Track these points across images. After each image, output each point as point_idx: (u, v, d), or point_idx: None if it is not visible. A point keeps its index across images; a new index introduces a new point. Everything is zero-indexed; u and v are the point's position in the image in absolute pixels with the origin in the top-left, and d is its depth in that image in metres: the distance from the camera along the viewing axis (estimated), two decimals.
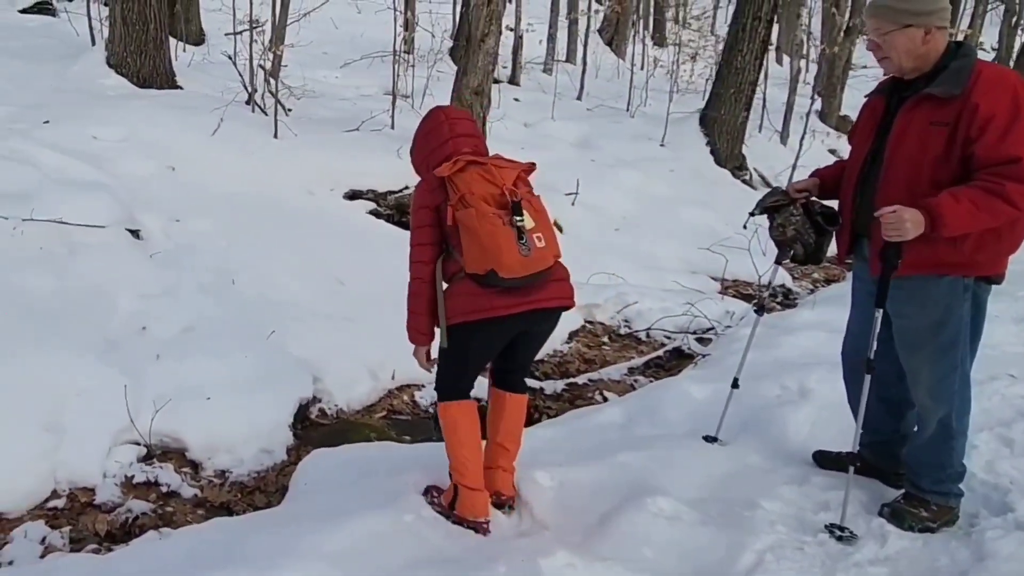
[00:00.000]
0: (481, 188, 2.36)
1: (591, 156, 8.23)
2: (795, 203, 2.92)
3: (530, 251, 2.34)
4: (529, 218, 2.36)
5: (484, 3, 6.18)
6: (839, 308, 4.93)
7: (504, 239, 2.31)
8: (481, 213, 2.32)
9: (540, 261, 2.39)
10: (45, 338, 3.60)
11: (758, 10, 8.82)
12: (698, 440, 3.35)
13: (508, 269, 2.33)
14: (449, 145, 2.52)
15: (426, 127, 2.64)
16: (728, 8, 21.09)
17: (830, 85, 12.40)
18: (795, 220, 2.91)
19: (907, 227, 2.42)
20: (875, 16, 2.57)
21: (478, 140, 2.60)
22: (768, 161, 9.46)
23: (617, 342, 5.04)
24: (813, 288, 6.58)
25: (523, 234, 2.34)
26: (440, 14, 12.30)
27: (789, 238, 2.94)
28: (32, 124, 5.71)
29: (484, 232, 2.31)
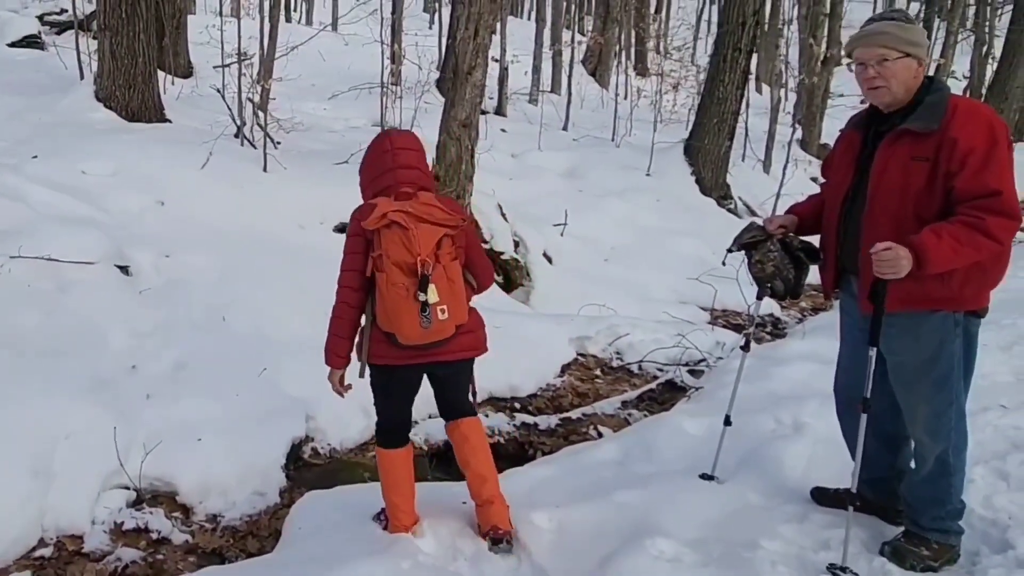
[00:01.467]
0: (397, 253, 2.44)
1: (579, 186, 8.27)
2: (772, 238, 2.91)
3: (430, 324, 2.46)
4: (435, 292, 2.45)
5: (471, 36, 6.21)
6: (829, 338, 4.94)
7: (406, 312, 2.44)
8: (391, 281, 2.43)
9: (439, 332, 2.50)
10: (33, 377, 3.52)
11: (738, 41, 8.97)
12: (695, 478, 3.32)
13: (406, 338, 2.49)
14: (389, 176, 2.57)
15: (372, 152, 2.68)
16: (707, 39, 21.48)
17: (810, 114, 12.60)
18: (773, 256, 2.90)
19: (902, 264, 2.41)
20: (878, 44, 2.52)
21: (419, 172, 2.62)
22: (752, 190, 9.56)
23: (610, 375, 5.01)
24: (801, 317, 6.60)
25: (427, 307, 2.44)
26: (426, 46, 12.40)
27: (768, 274, 2.92)
28: (21, 159, 5.66)
29: (390, 300, 2.44)
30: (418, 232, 2.45)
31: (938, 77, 2.68)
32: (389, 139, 2.66)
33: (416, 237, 2.45)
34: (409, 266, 2.44)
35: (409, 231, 2.44)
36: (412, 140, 2.70)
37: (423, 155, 2.71)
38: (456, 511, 3.10)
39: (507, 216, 6.68)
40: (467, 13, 6.13)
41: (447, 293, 2.48)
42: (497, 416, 4.35)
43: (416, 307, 2.43)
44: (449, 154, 6.23)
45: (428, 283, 2.43)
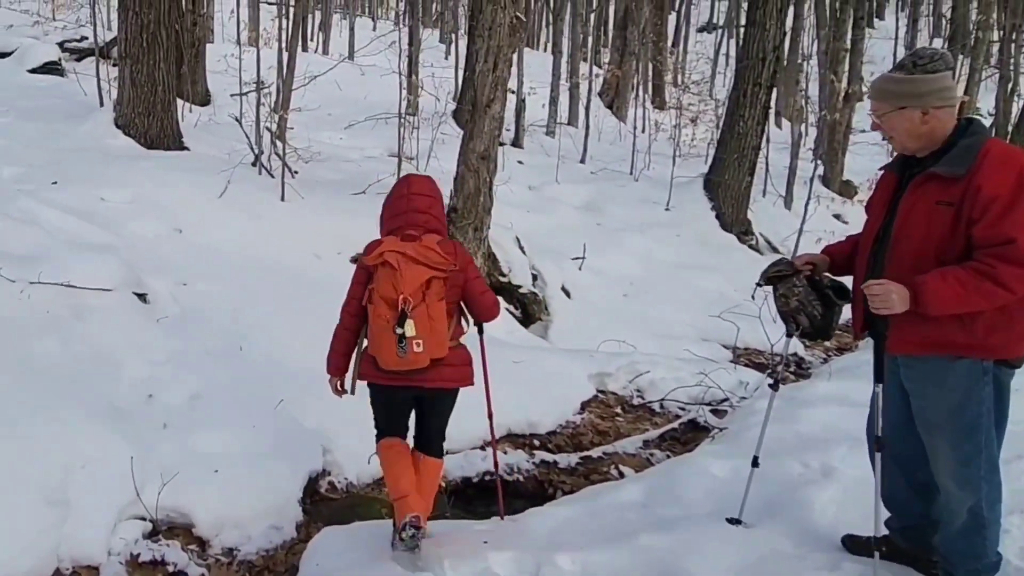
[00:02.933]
0: (384, 290, 2.82)
1: (597, 220, 8.36)
2: (798, 274, 2.95)
3: (406, 354, 2.82)
4: (412, 327, 2.79)
5: (490, 69, 6.35)
6: (856, 380, 4.98)
7: (386, 342, 2.82)
8: (376, 313, 2.84)
9: (414, 362, 2.85)
10: (51, 406, 3.58)
11: (758, 76, 9.10)
12: (721, 522, 3.31)
13: (385, 363, 2.88)
14: (401, 218, 2.96)
15: (393, 194, 3.09)
16: (726, 73, 21.74)
17: (831, 150, 12.69)
18: (798, 291, 2.93)
19: (893, 300, 2.45)
20: (872, 98, 2.66)
21: (429, 216, 2.98)
22: (773, 226, 9.62)
23: (631, 413, 5.03)
24: (826, 357, 6.60)
25: (404, 339, 2.79)
26: (443, 77, 12.63)
27: (792, 309, 2.95)
28: (40, 185, 5.80)
29: (374, 330, 2.85)
30: (406, 272, 2.81)
31: (978, 120, 2.71)
32: (408, 183, 3.06)
33: (402, 277, 2.80)
34: (393, 302, 2.80)
35: (397, 271, 2.81)
36: (428, 186, 3.08)
37: (436, 200, 3.05)
38: (477, 551, 3.11)
39: (525, 249, 6.75)
40: (486, 46, 6.29)
41: (425, 329, 2.82)
42: (516, 453, 4.37)
43: (394, 338, 2.79)
44: (467, 186, 6.34)
45: (406, 319, 2.79)
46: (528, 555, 3.11)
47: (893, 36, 21.63)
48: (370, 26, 21.65)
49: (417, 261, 2.82)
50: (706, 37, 28.50)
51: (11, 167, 6.18)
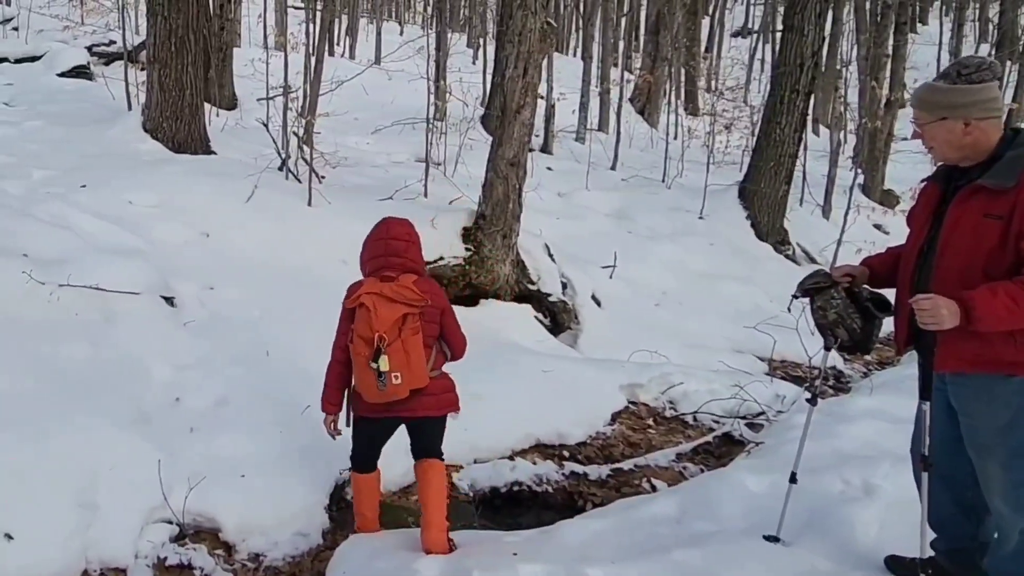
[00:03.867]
0: (362, 329, 3.09)
1: (627, 228, 8.36)
2: (836, 286, 2.93)
3: (385, 387, 3.08)
4: (386, 361, 3.04)
5: (520, 75, 6.40)
6: (898, 395, 4.92)
7: (366, 377, 3.09)
8: (356, 352, 3.10)
9: (394, 394, 3.10)
10: (79, 408, 3.66)
11: (795, 83, 9.06)
12: (758, 539, 3.28)
13: (368, 397, 3.15)
14: (380, 260, 3.26)
15: (372, 238, 3.37)
16: (761, 79, 21.65)
17: (872, 159, 12.57)
18: (836, 304, 2.91)
19: (943, 315, 2.43)
20: (914, 107, 2.65)
21: (405, 260, 3.27)
22: (811, 236, 9.54)
23: (663, 425, 5.02)
24: (867, 372, 6.52)
25: (382, 374, 3.04)
26: (471, 82, 12.73)
27: (830, 322, 2.94)
28: (69, 188, 5.95)
29: (356, 368, 3.14)
30: (381, 311, 3.07)
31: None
32: (387, 227, 3.35)
33: (377, 316, 3.06)
34: (369, 340, 3.07)
35: (372, 311, 3.07)
36: (406, 230, 3.36)
37: (413, 244, 3.34)
38: (507, 563, 3.12)
39: (554, 256, 6.77)
40: (516, 52, 6.34)
41: (401, 363, 3.07)
42: (545, 464, 4.38)
43: (374, 373, 3.05)
44: (496, 192, 6.38)
45: (381, 354, 3.04)
46: (559, 568, 3.12)
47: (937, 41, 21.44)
48: (397, 31, 21.92)
49: (392, 300, 3.09)
50: (740, 42, 28.42)
51: (41, 170, 6.36)
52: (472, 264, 6.24)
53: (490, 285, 6.25)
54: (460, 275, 6.21)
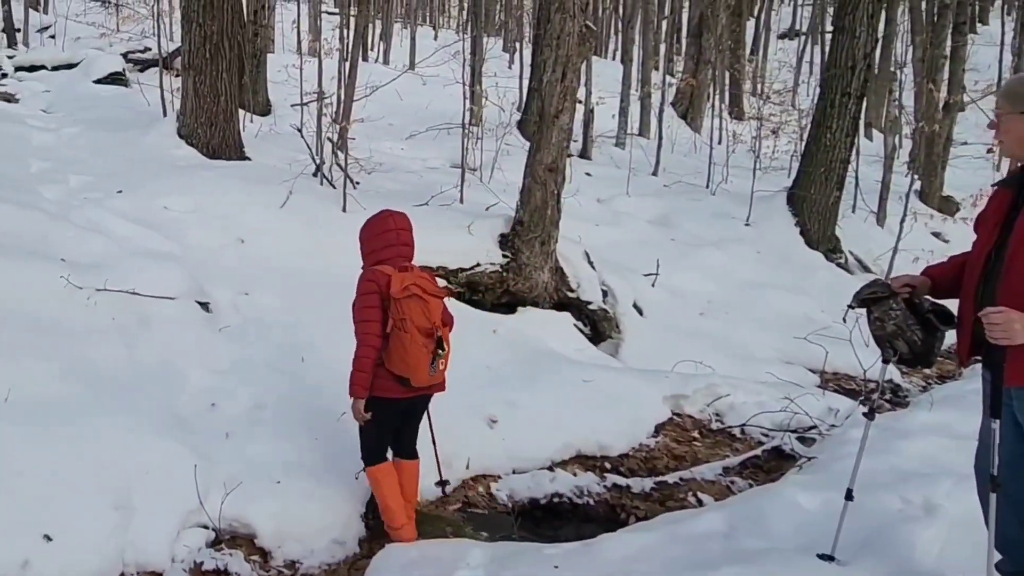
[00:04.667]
0: (419, 320, 3.35)
1: (670, 235, 8.34)
2: (895, 296, 2.89)
3: (436, 372, 3.42)
4: (445, 348, 3.42)
5: (558, 79, 6.44)
6: (960, 411, 4.82)
7: (423, 364, 3.36)
8: (415, 341, 3.33)
9: (439, 378, 3.48)
10: (116, 412, 3.77)
11: (847, 86, 8.97)
12: (812, 558, 3.24)
13: (419, 382, 3.41)
14: (392, 250, 3.51)
15: (377, 228, 3.60)
16: (810, 82, 21.43)
17: (930, 164, 12.36)
18: (895, 315, 2.87)
19: (1016, 329, 2.39)
20: (998, 96, 2.66)
21: (412, 249, 3.58)
22: (865, 244, 9.41)
23: (709, 438, 4.98)
24: (926, 385, 6.40)
25: (436, 360, 3.38)
26: (507, 87, 12.84)
27: (888, 333, 2.89)
28: (106, 193, 6.15)
29: (412, 355, 3.33)
30: (431, 303, 3.40)
31: None
32: (393, 219, 3.62)
33: (431, 308, 3.39)
34: (427, 330, 3.37)
35: (425, 302, 3.37)
36: (408, 222, 3.66)
37: (412, 232, 3.65)
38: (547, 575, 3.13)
39: (594, 264, 6.78)
40: (554, 56, 6.39)
41: (448, 351, 3.46)
42: (586, 475, 4.39)
43: (429, 358, 3.36)
44: (534, 199, 6.42)
45: (443, 343, 3.42)
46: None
47: (999, 42, 21.00)
48: (431, 35, 22.20)
49: (432, 294, 3.44)
50: (788, 44, 28.18)
51: (78, 176, 6.58)
52: (510, 271, 6.27)
53: (528, 292, 6.27)
54: (497, 282, 6.25)
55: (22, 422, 3.50)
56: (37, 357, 3.94)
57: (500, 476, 4.24)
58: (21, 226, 5.06)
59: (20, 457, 3.33)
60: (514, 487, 4.19)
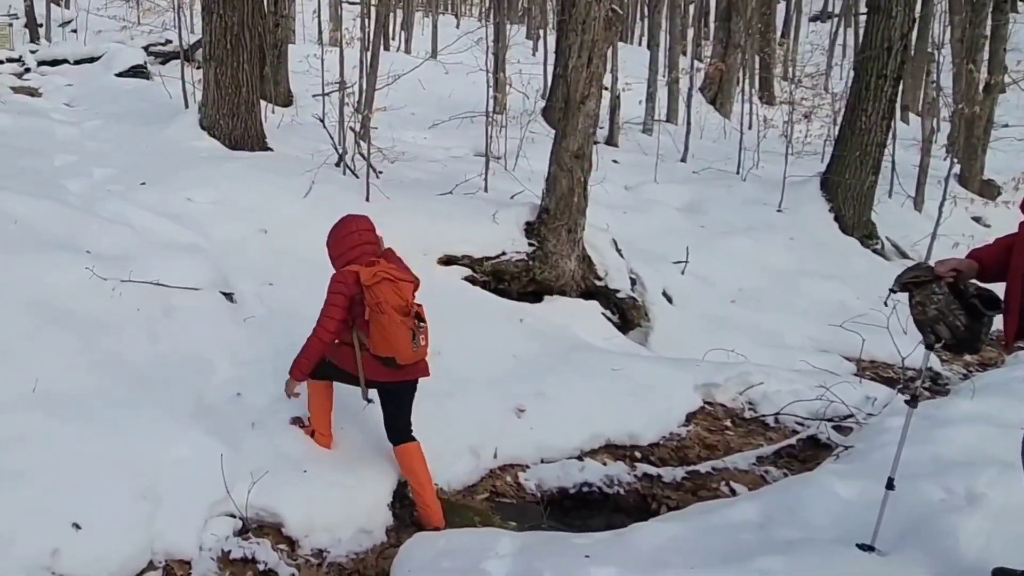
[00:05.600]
0: (394, 300, 3.59)
1: (700, 222, 8.28)
2: (939, 280, 2.84)
3: (418, 347, 3.64)
4: (424, 322, 3.66)
5: (584, 64, 6.40)
6: (1004, 398, 4.74)
7: (404, 340, 3.59)
8: (393, 320, 3.57)
9: (422, 353, 3.70)
10: (142, 402, 3.83)
11: (883, 68, 8.81)
12: (851, 548, 3.20)
13: (404, 358, 3.62)
14: (356, 250, 3.78)
15: (341, 232, 3.88)
16: (843, 65, 21.12)
17: (969, 147, 12.12)
18: (938, 299, 2.82)
19: None
20: None
21: (376, 247, 3.85)
22: (902, 229, 9.26)
23: (742, 427, 4.94)
24: (967, 373, 6.30)
25: (416, 335, 3.60)
26: (531, 74, 12.80)
27: (930, 318, 2.85)
28: (129, 186, 6.23)
29: (392, 333, 3.56)
30: (402, 284, 3.65)
31: None
32: (354, 222, 3.90)
33: (402, 288, 3.64)
34: (402, 307, 3.61)
35: (396, 284, 3.62)
36: (369, 222, 3.95)
37: (375, 231, 3.92)
38: (579, 566, 3.12)
39: (622, 252, 6.75)
40: (580, 41, 6.35)
41: (425, 326, 3.69)
42: (616, 465, 4.38)
43: (410, 336, 3.59)
44: (560, 186, 6.40)
45: (422, 319, 3.66)
46: (633, 572, 3.12)
47: None
48: (453, 24, 22.20)
49: (402, 279, 3.68)
50: (820, 27, 27.83)
51: (102, 168, 6.67)
52: (536, 259, 6.26)
53: (555, 281, 6.26)
54: (523, 271, 6.24)
55: (49, 413, 3.56)
56: (64, 348, 4.01)
57: (528, 465, 4.25)
58: (46, 219, 5.14)
59: (48, 447, 3.39)
60: (543, 476, 4.19)
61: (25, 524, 3.06)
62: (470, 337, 5.28)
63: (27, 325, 4.06)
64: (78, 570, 3.03)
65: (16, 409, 3.51)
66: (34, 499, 3.16)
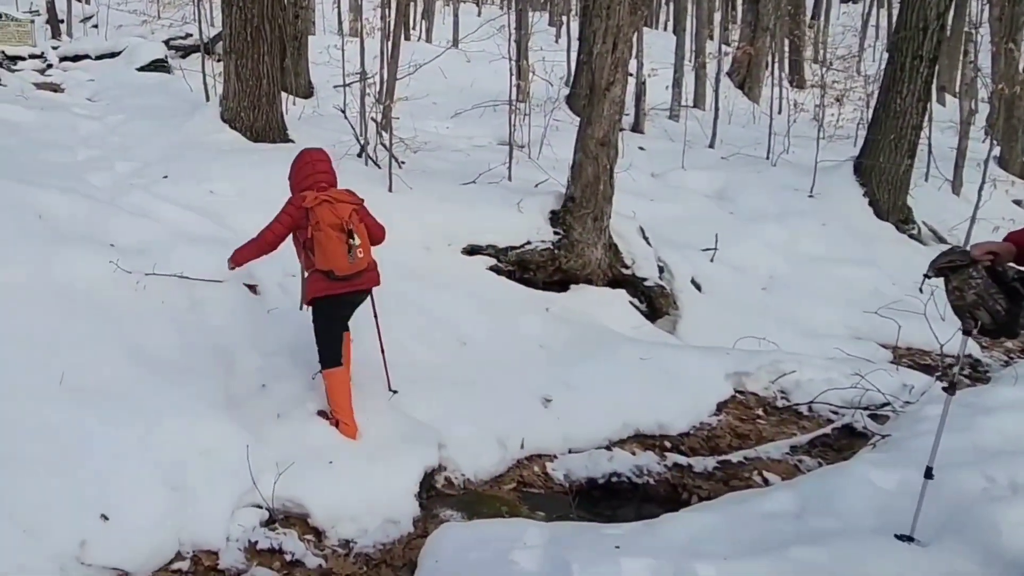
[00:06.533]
0: (330, 219, 4.02)
1: (729, 208, 8.21)
2: (976, 264, 2.78)
3: (354, 258, 4.03)
4: (356, 238, 4.03)
5: (609, 51, 6.35)
6: None
7: (340, 253, 4.00)
8: (328, 236, 4.00)
9: (359, 265, 4.07)
10: (168, 394, 3.87)
11: (918, 48, 8.66)
12: (889, 538, 3.15)
13: (341, 269, 4.02)
14: (310, 179, 4.25)
15: (298, 164, 4.38)
16: (876, 47, 20.83)
17: (1009, 128, 11.89)
18: (976, 283, 2.76)
19: None
20: None
21: (330, 176, 4.33)
22: (939, 214, 9.11)
23: (774, 416, 4.90)
24: (1008, 360, 6.19)
25: (352, 249, 4.00)
26: (554, 61, 12.75)
27: (968, 303, 2.79)
28: (152, 179, 6.30)
29: (329, 248, 4.00)
30: (339, 206, 4.07)
31: None
32: (309, 154, 4.39)
33: (338, 209, 4.06)
34: (338, 225, 4.02)
35: (333, 205, 4.06)
36: (324, 154, 4.44)
37: (330, 163, 4.40)
38: (609, 556, 3.11)
39: (650, 240, 6.71)
40: (604, 26, 6.31)
41: (362, 240, 4.07)
42: (645, 454, 4.36)
43: (346, 249, 3.99)
44: (586, 174, 6.37)
45: (353, 233, 4.04)
46: (666, 563, 3.08)
47: None
48: (475, 12, 22.17)
49: (341, 200, 4.13)
50: (852, 8, 27.44)
51: (125, 162, 6.76)
52: (562, 248, 6.25)
53: (581, 270, 6.24)
54: (549, 259, 6.23)
55: (76, 404, 3.61)
56: (90, 340, 4.07)
57: (556, 456, 4.24)
58: (70, 213, 5.22)
59: (76, 439, 3.45)
60: (571, 466, 4.18)
61: (54, 515, 3.11)
62: (495, 327, 5.29)
63: (53, 317, 4.13)
64: (106, 561, 3.08)
65: (44, 400, 3.57)
66: (62, 490, 3.22)
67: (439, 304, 5.42)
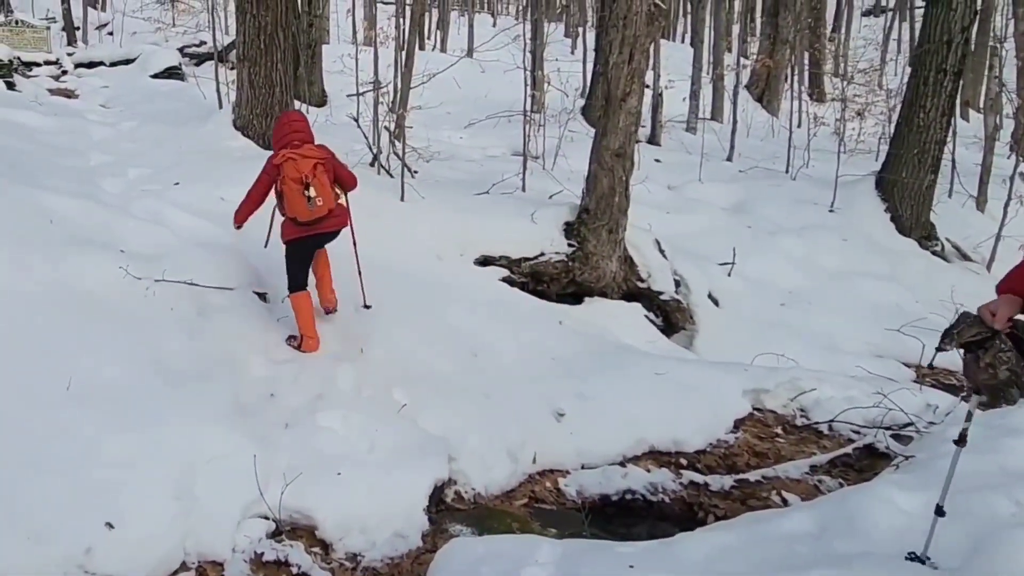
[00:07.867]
0: (292, 173, 4.70)
1: (747, 222, 8.17)
2: (999, 335, 2.66)
3: (314, 207, 4.69)
4: (314, 190, 4.69)
5: (625, 61, 6.36)
6: None
7: (300, 203, 4.69)
8: (291, 188, 4.70)
9: (319, 212, 4.72)
10: (176, 401, 3.87)
11: (942, 62, 8.62)
12: (914, 564, 3.09)
13: (302, 216, 4.71)
14: (287, 137, 4.88)
15: (278, 124, 5.09)
16: (898, 60, 20.77)
17: None
18: (1006, 358, 2.65)
19: None
20: None
21: (305, 134, 4.93)
22: (963, 230, 9.04)
23: (793, 434, 4.84)
24: None
25: (311, 200, 4.68)
26: (570, 72, 12.78)
27: (1003, 381, 2.70)
28: (164, 185, 6.35)
29: (291, 198, 4.71)
30: (301, 162, 4.72)
31: None
32: (287, 116, 5.20)
33: (300, 164, 4.71)
34: (298, 179, 4.69)
35: (296, 161, 4.72)
36: (301, 116, 5.21)
37: (306, 122, 5.06)
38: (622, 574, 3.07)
39: (666, 253, 6.68)
40: (621, 37, 6.32)
41: (320, 190, 4.71)
42: (660, 472, 4.32)
43: (304, 199, 4.67)
44: (601, 186, 6.37)
45: (309, 186, 4.69)
46: None
47: None
48: (489, 22, 22.30)
49: (305, 156, 4.75)
50: (873, 21, 27.40)
51: (137, 168, 6.81)
52: (576, 260, 6.23)
53: (595, 282, 6.22)
54: (563, 271, 6.22)
55: (84, 411, 3.62)
56: (99, 346, 4.08)
57: (568, 471, 4.21)
58: (82, 218, 5.25)
59: (83, 445, 3.45)
60: (583, 483, 4.15)
61: (60, 521, 3.11)
62: (508, 339, 5.27)
63: (62, 323, 4.14)
64: (111, 569, 3.06)
65: (51, 405, 3.58)
66: (69, 496, 3.21)
67: (450, 314, 5.41)
